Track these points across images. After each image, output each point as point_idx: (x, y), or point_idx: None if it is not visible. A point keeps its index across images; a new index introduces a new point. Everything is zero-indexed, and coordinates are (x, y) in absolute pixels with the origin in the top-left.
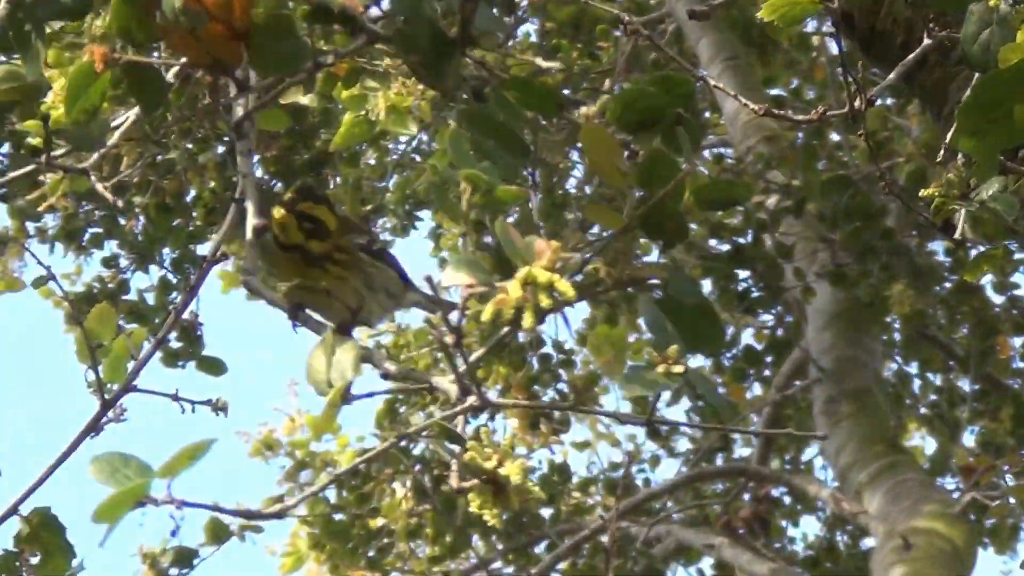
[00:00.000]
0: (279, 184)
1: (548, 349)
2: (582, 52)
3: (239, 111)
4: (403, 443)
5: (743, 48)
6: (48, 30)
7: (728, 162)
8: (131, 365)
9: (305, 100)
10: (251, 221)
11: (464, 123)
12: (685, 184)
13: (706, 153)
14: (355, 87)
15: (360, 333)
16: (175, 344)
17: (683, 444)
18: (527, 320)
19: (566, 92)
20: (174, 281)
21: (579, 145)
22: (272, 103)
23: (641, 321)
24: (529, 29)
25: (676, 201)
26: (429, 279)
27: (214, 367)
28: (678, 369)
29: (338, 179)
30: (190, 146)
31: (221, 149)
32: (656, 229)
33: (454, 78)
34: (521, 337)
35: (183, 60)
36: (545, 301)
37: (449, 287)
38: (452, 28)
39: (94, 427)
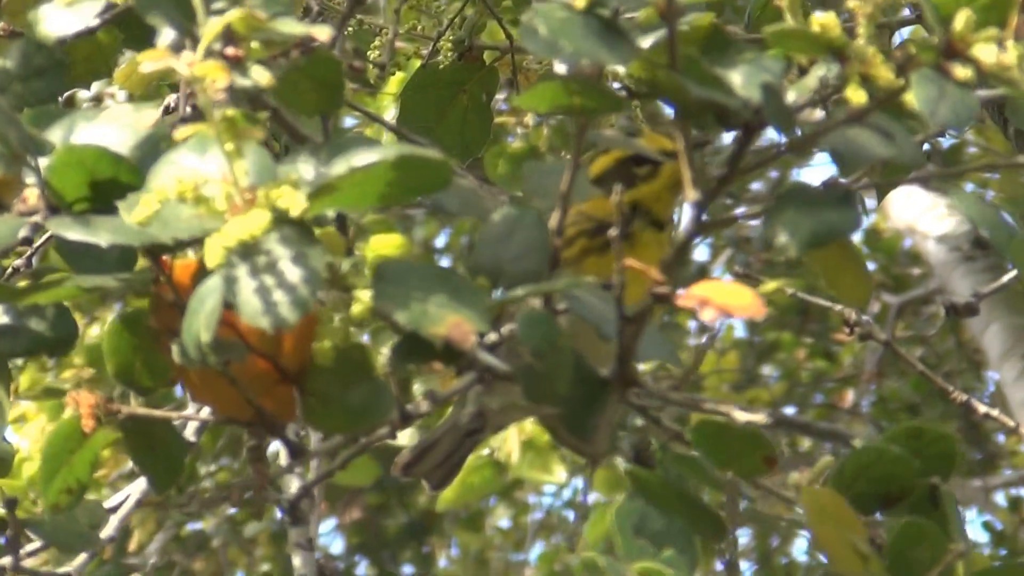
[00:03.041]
0: (366, 563)
1: None
2: (812, 350)
3: (294, 484)
4: None
5: None
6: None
7: None
8: None
9: (402, 439)
10: None
11: (635, 494)
12: (956, 571)
13: (999, 496)
14: None
15: None
16: None
17: None
18: None
19: (790, 411)
20: None
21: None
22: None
23: None
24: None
25: None
26: None
27: None
28: None
29: (452, 551)
30: (233, 511)
31: (279, 514)
32: None
33: (607, 436)
34: None
35: (210, 413)
36: None
37: None
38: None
39: None
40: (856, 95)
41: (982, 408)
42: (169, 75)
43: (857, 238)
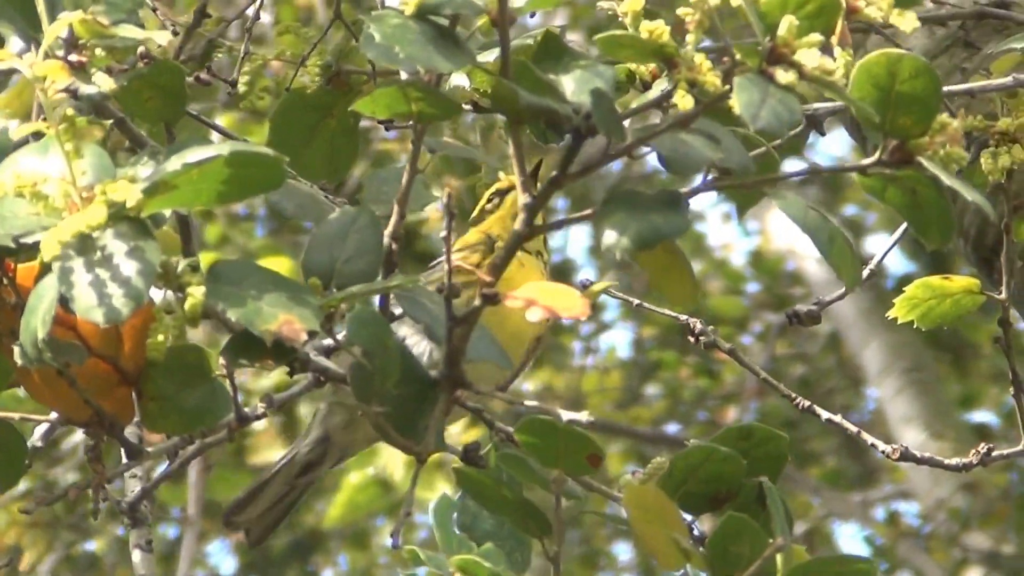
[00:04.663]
0: None
1: None
2: (695, 368)
3: (134, 487)
4: None
5: (929, 353)
6: None
7: (908, 522)
8: None
9: (279, 454)
10: None
11: (462, 492)
12: (776, 566)
13: (878, 512)
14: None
15: None
16: None
17: None
18: None
19: (673, 429)
20: None
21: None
22: (180, 472)
23: None
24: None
25: None
26: None
27: None
28: None
29: (341, 566)
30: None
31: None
32: None
33: (436, 436)
34: None
35: (52, 415)
36: None
37: None
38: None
39: None
40: (683, 100)
41: (852, 427)
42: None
43: (741, 260)
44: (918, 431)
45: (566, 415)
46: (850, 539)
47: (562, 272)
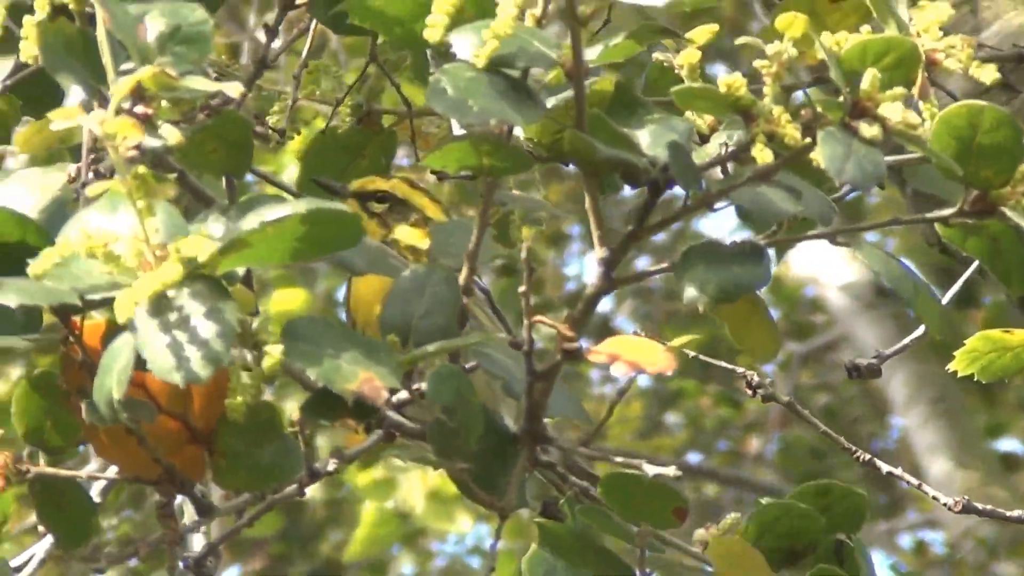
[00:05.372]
0: None
1: None
2: (717, 397)
3: (199, 542)
4: None
5: (956, 383)
6: None
7: (935, 551)
8: None
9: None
10: None
11: (543, 546)
12: None
13: (904, 540)
14: (377, 467)
15: None
16: None
17: None
18: None
19: (695, 458)
20: None
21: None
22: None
23: None
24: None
25: None
26: None
27: None
28: None
29: None
30: (133, 563)
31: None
32: None
33: (517, 492)
34: None
35: (117, 471)
36: None
37: None
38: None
39: None
40: (762, 154)
41: (885, 467)
42: (71, 138)
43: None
44: (945, 461)
45: (652, 469)
46: (877, 568)
47: (578, 298)
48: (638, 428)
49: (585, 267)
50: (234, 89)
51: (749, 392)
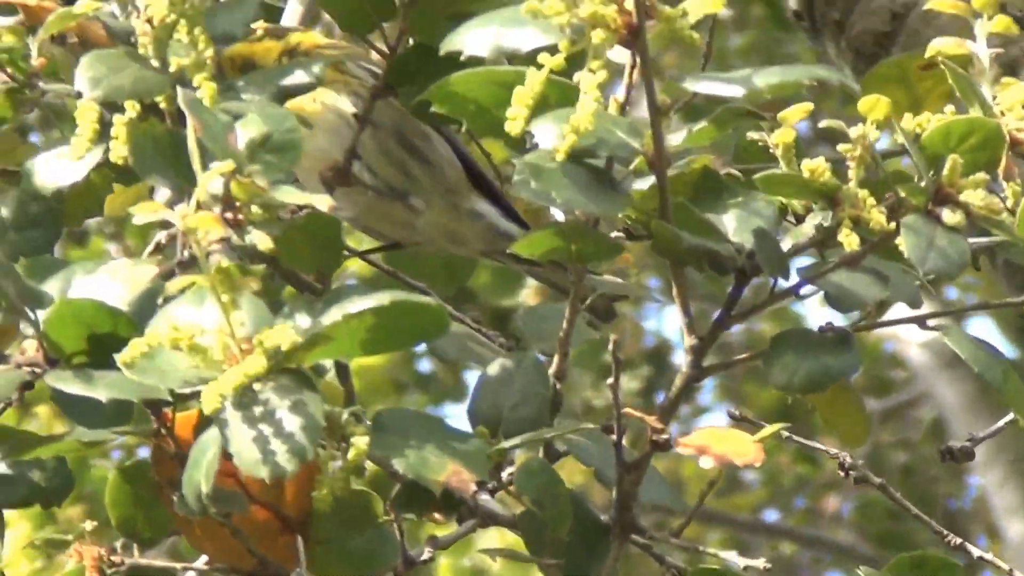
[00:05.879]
0: None
1: None
2: (796, 454)
3: None
4: None
5: None
6: None
7: None
8: None
9: None
10: None
11: None
12: None
13: None
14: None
15: None
16: None
17: None
18: None
19: (772, 516)
20: None
21: None
22: None
23: None
24: None
25: None
26: None
27: None
28: None
29: None
30: None
31: None
32: None
33: None
34: None
35: (206, 562)
36: None
37: None
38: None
39: None
40: (848, 239)
41: (976, 551)
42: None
43: None
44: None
45: (743, 561)
46: None
47: (659, 354)
48: (716, 486)
49: (663, 321)
50: (323, 202)
51: (842, 474)
